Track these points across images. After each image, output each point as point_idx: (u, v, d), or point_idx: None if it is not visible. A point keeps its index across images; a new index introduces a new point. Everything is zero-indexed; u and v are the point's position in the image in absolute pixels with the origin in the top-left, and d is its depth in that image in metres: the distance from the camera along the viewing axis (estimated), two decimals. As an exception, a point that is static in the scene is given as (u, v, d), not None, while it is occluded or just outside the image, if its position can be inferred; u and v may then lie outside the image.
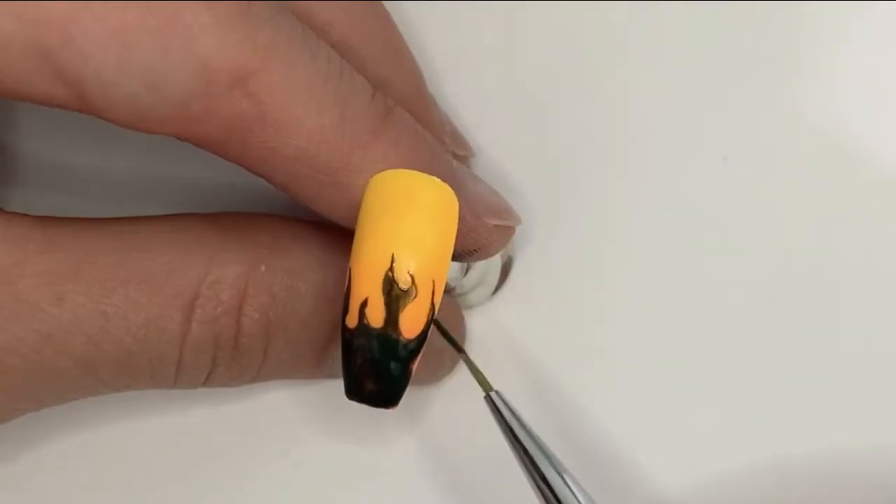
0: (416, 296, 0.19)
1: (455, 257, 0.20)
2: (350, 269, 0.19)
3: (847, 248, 0.24)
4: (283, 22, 0.18)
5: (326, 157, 0.18)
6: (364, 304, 0.19)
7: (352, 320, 0.19)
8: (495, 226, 0.21)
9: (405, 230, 0.18)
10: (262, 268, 0.20)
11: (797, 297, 0.24)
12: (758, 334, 0.23)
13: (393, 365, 0.19)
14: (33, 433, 0.23)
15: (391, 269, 0.18)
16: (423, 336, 0.19)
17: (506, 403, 0.20)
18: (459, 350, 0.21)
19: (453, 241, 0.19)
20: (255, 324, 0.20)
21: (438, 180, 0.19)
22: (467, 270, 0.24)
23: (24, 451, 0.24)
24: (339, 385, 0.23)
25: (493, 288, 0.24)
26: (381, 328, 0.19)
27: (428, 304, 0.19)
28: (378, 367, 0.19)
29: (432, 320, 0.19)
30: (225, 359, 0.20)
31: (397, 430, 0.24)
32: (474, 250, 0.21)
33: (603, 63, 0.25)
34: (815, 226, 0.24)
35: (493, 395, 0.21)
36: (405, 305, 0.19)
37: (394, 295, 0.18)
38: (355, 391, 0.19)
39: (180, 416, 0.24)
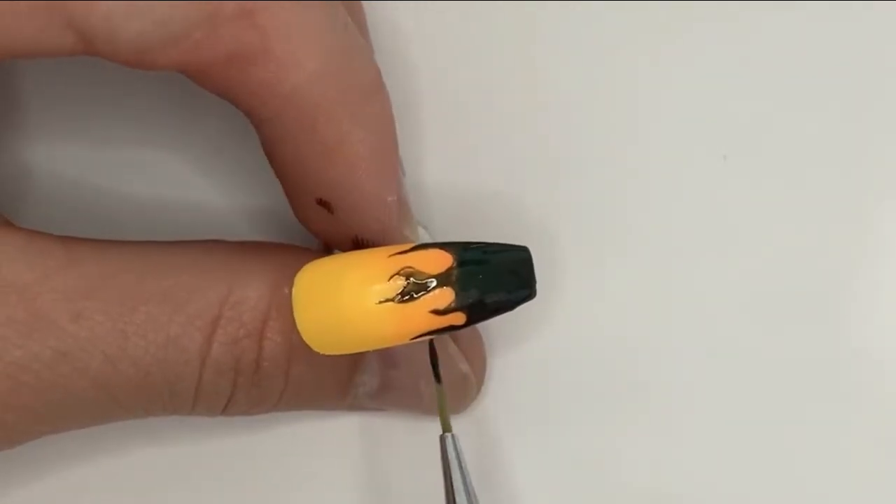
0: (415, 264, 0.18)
1: (356, 242, 0.20)
2: (404, 341, 0.19)
3: (847, 247, 0.24)
4: None
5: (316, 102, 0.18)
6: (443, 314, 0.18)
7: (459, 319, 0.19)
8: (405, 235, 0.21)
9: (358, 273, 0.18)
10: (286, 290, 0.19)
11: (797, 296, 0.24)
12: (756, 334, 0.23)
13: (488, 275, 0.19)
14: (47, 460, 0.23)
15: (403, 290, 0.18)
16: (453, 253, 0.19)
17: (456, 450, 0.20)
18: (438, 380, 0.21)
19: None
20: (277, 347, 0.20)
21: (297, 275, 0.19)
22: None
23: (38, 478, 0.23)
24: (359, 419, 0.23)
25: None
26: (454, 299, 0.18)
27: (415, 254, 0.19)
28: (490, 284, 0.19)
29: (442, 243, 0.19)
30: (245, 383, 0.20)
31: (420, 463, 0.23)
32: (370, 242, 0.20)
33: (602, 62, 0.25)
34: (816, 225, 0.24)
35: (448, 437, 0.20)
36: (418, 273, 0.18)
37: (415, 287, 0.18)
38: (517, 294, 0.19)
39: (195, 447, 0.23)
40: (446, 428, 0.20)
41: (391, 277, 0.18)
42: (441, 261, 0.18)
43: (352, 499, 0.23)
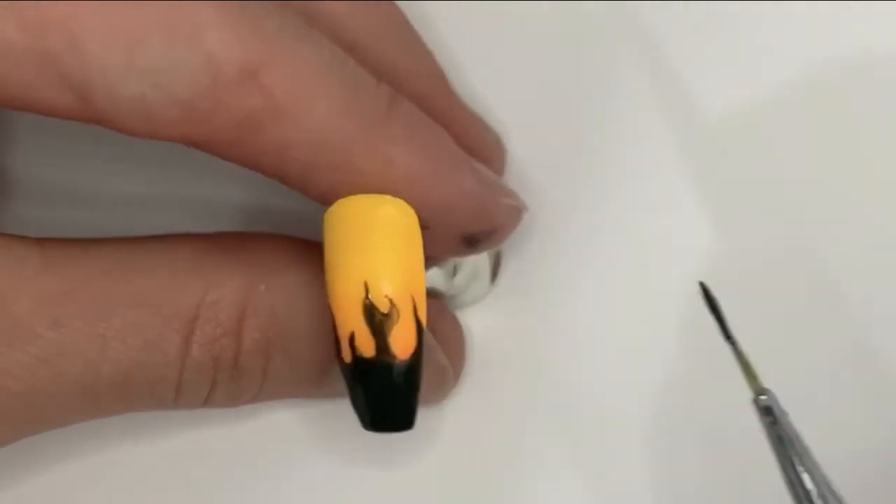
0: (398, 317, 0.18)
1: (472, 242, 0.20)
2: (330, 307, 0.19)
3: (847, 247, 0.24)
4: (284, 13, 0.18)
5: (340, 139, 0.18)
6: (352, 338, 0.18)
7: (346, 355, 0.19)
8: (509, 205, 0.21)
9: (371, 255, 0.18)
10: (262, 287, 0.20)
11: (797, 296, 0.23)
12: (755, 333, 0.23)
13: (397, 389, 0.19)
14: (32, 456, 0.23)
15: (367, 297, 0.18)
16: (417, 353, 0.19)
17: (778, 406, 0.19)
18: (728, 338, 0.20)
19: (421, 253, 0.19)
20: (255, 343, 0.20)
21: (392, 199, 0.19)
22: (455, 272, 0.23)
23: (23, 476, 0.23)
24: (341, 405, 0.23)
25: (488, 280, 0.24)
26: (375, 356, 0.18)
27: (412, 321, 0.19)
28: (383, 395, 0.19)
29: (422, 336, 0.19)
30: (225, 379, 0.20)
31: (404, 449, 0.24)
32: (492, 231, 0.21)
33: (602, 61, 0.25)
34: (815, 224, 0.24)
35: (762, 398, 0.19)
36: (391, 328, 0.18)
37: (377, 321, 0.18)
38: (369, 423, 0.19)
39: (179, 437, 0.23)
40: (756, 388, 0.19)
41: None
42: (405, 348, 0.19)
43: (347, 490, 0.23)
